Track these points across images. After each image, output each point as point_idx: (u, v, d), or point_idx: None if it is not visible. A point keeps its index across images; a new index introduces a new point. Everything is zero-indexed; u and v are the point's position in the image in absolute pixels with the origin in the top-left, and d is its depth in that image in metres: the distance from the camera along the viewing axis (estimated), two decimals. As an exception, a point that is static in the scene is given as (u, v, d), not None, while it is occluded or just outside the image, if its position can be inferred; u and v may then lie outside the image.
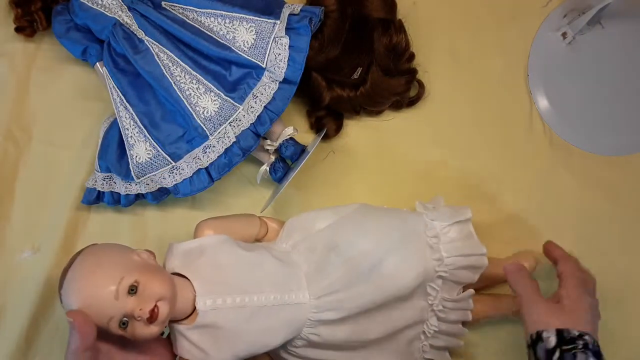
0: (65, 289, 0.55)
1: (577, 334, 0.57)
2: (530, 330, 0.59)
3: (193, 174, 0.68)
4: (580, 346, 0.56)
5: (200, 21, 0.67)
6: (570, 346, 0.56)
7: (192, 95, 0.66)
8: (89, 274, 0.54)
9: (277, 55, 0.66)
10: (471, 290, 0.65)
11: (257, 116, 0.66)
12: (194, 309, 0.58)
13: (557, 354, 0.56)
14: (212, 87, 0.66)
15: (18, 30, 0.72)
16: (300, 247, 0.64)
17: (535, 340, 0.58)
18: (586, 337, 0.57)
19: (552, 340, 0.57)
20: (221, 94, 0.66)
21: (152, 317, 0.54)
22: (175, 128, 0.68)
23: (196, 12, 0.67)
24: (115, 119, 0.69)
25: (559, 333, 0.57)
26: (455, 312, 0.66)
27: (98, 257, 0.56)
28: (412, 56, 0.74)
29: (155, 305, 0.54)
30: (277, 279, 0.61)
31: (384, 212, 0.67)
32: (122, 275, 0.54)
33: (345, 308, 0.61)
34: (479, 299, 0.68)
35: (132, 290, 0.54)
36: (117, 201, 0.71)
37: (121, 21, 0.67)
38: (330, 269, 0.62)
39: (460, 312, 0.66)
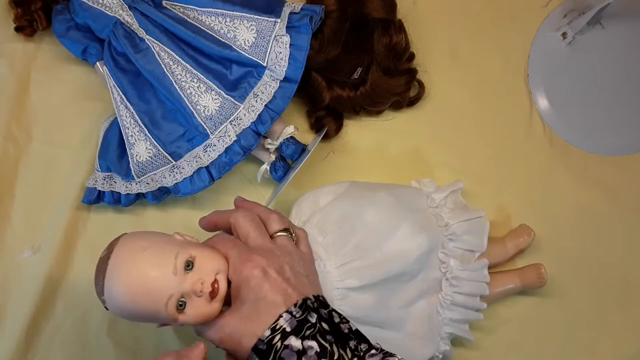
0: (110, 280, 0.50)
1: (267, 333, 0.47)
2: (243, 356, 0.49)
3: (193, 173, 0.68)
4: (279, 337, 0.47)
5: (201, 20, 0.67)
6: (271, 352, 0.47)
7: (193, 94, 0.66)
8: (140, 251, 0.50)
9: (277, 54, 0.66)
10: (484, 260, 0.67)
11: (258, 115, 0.66)
12: None
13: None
14: (213, 85, 0.66)
15: (18, 29, 0.72)
16: (312, 222, 0.65)
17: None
18: (280, 320, 0.48)
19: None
20: (222, 92, 0.66)
21: (214, 291, 0.50)
22: (176, 127, 0.68)
23: (197, 11, 0.67)
24: (116, 118, 0.69)
25: (255, 348, 0.47)
26: (470, 283, 0.66)
27: (143, 238, 0.53)
28: (412, 56, 0.74)
29: (215, 279, 0.51)
30: None
31: (387, 186, 0.69)
32: (177, 251, 0.51)
33: (365, 276, 0.62)
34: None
35: (189, 266, 0.51)
36: (117, 201, 0.71)
37: (122, 20, 0.67)
38: (344, 240, 0.63)
39: (475, 283, 0.67)
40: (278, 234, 0.56)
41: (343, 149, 0.76)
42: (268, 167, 0.71)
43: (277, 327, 0.48)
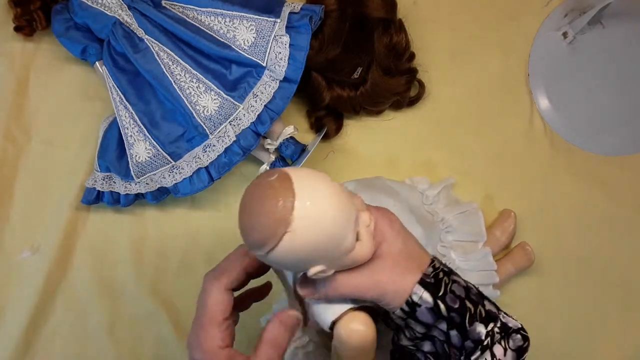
0: (306, 195, 0.42)
1: (430, 269, 0.46)
2: (395, 305, 0.46)
3: (193, 173, 0.68)
4: (442, 274, 0.47)
5: (201, 20, 0.67)
6: (438, 285, 0.46)
7: (192, 94, 0.66)
8: (318, 172, 0.45)
9: (277, 54, 0.66)
10: (486, 248, 0.67)
11: (258, 115, 0.66)
12: None
13: (439, 302, 0.46)
14: (213, 86, 0.66)
15: (17, 29, 0.72)
16: None
17: (410, 310, 0.46)
18: (434, 264, 0.47)
19: (427, 296, 0.45)
20: (221, 92, 0.66)
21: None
22: (175, 127, 0.68)
23: (196, 10, 0.67)
24: (115, 118, 0.69)
25: (423, 282, 0.46)
26: (478, 273, 0.67)
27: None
28: (412, 56, 0.74)
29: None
30: None
31: (387, 188, 0.69)
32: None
33: None
34: None
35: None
36: (116, 201, 0.71)
37: (121, 20, 0.67)
38: None
39: (483, 273, 0.67)
40: None
41: (343, 149, 0.76)
42: (268, 168, 0.71)
43: (436, 265, 0.47)
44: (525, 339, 0.47)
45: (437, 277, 0.46)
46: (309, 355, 0.61)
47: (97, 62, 0.70)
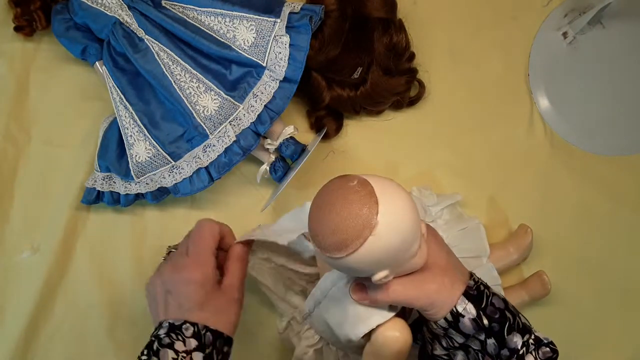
0: (391, 205, 0.44)
1: (472, 282, 0.49)
2: (441, 315, 0.49)
3: (193, 173, 0.68)
4: (482, 287, 0.50)
5: (201, 20, 0.67)
6: (480, 297, 0.48)
7: (192, 94, 0.66)
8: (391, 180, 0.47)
9: (277, 54, 0.65)
10: (489, 263, 0.67)
11: (258, 115, 0.66)
12: None
13: (481, 314, 0.48)
14: (213, 86, 0.66)
15: (17, 29, 0.72)
16: None
17: (454, 320, 0.48)
18: (474, 277, 0.50)
19: (471, 307, 0.48)
20: (221, 92, 0.66)
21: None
22: (175, 127, 0.68)
23: (196, 10, 0.67)
24: (115, 118, 0.69)
25: (467, 294, 0.48)
26: None
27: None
28: (412, 56, 0.74)
29: None
30: None
31: None
32: None
33: None
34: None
35: None
36: (116, 201, 0.71)
37: (121, 20, 0.67)
38: None
39: None
40: None
41: (343, 149, 0.76)
42: (268, 168, 0.70)
43: (476, 279, 0.50)
44: (555, 351, 0.50)
45: (479, 290, 0.49)
46: (319, 352, 0.62)
47: (97, 62, 0.70)
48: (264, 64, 0.66)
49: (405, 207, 0.44)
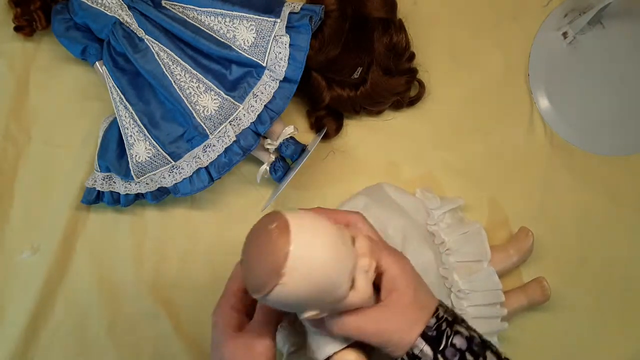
0: (301, 246, 0.42)
1: (433, 320, 0.47)
2: (397, 355, 0.47)
3: (193, 173, 0.68)
4: (445, 325, 0.47)
5: (201, 20, 0.67)
6: (439, 338, 0.46)
7: (192, 94, 0.66)
8: (323, 221, 0.45)
9: (277, 54, 0.65)
10: (490, 267, 0.67)
11: (258, 115, 0.66)
12: None
13: (438, 357, 0.46)
14: (213, 86, 0.66)
15: (17, 29, 0.72)
16: None
17: None
18: (438, 313, 0.47)
19: (428, 349, 0.46)
20: (221, 92, 0.66)
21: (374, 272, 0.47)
22: (175, 127, 0.68)
23: (196, 10, 0.67)
24: (115, 118, 0.69)
25: (424, 335, 0.46)
26: (483, 293, 0.66)
27: (311, 213, 0.47)
28: (412, 56, 0.74)
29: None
30: None
31: (397, 207, 0.69)
32: (343, 226, 0.48)
33: None
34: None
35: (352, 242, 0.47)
36: (116, 201, 0.70)
37: (121, 20, 0.67)
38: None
39: (488, 292, 0.66)
40: None
41: (343, 149, 0.76)
42: (268, 168, 0.70)
43: (440, 315, 0.47)
44: None
45: (440, 329, 0.47)
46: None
47: (97, 62, 0.70)
48: (264, 64, 0.66)
49: (325, 255, 0.43)
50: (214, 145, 0.67)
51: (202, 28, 0.67)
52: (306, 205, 0.73)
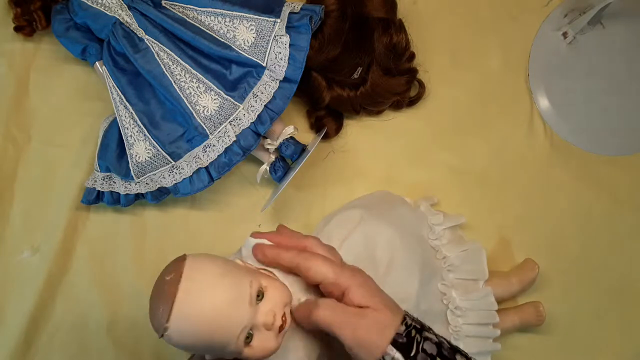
0: (184, 306, 0.45)
1: (402, 327, 0.47)
2: None
3: (193, 173, 0.68)
4: (414, 332, 0.47)
5: (201, 20, 0.67)
6: (410, 345, 0.47)
7: (192, 94, 0.66)
8: (219, 277, 0.46)
9: (277, 54, 0.65)
10: (487, 288, 0.67)
11: (258, 115, 0.66)
12: None
13: None
14: (213, 86, 0.66)
15: (17, 29, 0.72)
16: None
17: None
18: (406, 321, 0.48)
19: (399, 356, 0.46)
20: (221, 92, 0.66)
21: (282, 325, 0.48)
22: (175, 127, 0.68)
23: (196, 10, 0.67)
24: (115, 118, 0.69)
25: (395, 342, 0.46)
26: (478, 312, 0.66)
27: (215, 263, 0.48)
28: (412, 56, 0.74)
29: (284, 313, 0.48)
30: None
31: (394, 222, 0.68)
32: (250, 279, 0.47)
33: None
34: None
35: (259, 296, 0.48)
36: (116, 201, 0.71)
37: (121, 20, 0.67)
38: (372, 265, 0.63)
39: (483, 312, 0.66)
40: None
41: (343, 149, 0.76)
42: (268, 168, 0.70)
43: (408, 323, 0.48)
44: None
45: (410, 336, 0.47)
46: None
47: (97, 62, 0.70)
48: (264, 64, 0.66)
49: (208, 315, 0.45)
50: (214, 145, 0.67)
51: (202, 28, 0.67)
52: (305, 206, 0.74)
